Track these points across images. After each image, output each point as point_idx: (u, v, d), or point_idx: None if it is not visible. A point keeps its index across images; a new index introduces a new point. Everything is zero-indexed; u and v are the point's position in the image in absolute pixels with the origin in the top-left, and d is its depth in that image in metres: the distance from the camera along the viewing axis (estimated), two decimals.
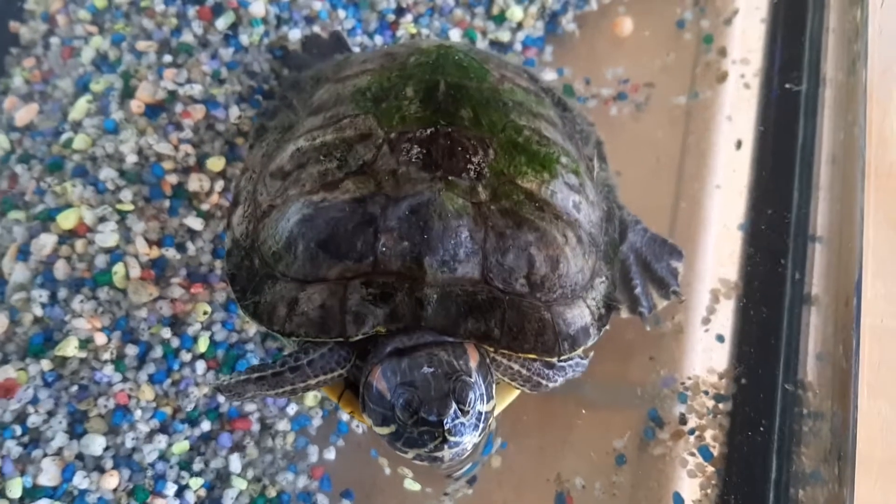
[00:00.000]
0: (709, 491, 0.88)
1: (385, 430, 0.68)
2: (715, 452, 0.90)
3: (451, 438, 0.64)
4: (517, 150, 0.78)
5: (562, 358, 0.74)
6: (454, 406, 0.64)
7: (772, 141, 1.06)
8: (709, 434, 0.91)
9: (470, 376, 0.67)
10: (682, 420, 0.92)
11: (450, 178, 0.74)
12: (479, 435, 0.68)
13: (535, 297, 0.73)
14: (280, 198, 0.78)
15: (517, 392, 0.80)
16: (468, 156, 0.75)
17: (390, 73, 0.85)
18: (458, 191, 0.73)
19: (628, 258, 0.92)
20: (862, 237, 0.90)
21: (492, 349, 0.73)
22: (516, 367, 0.74)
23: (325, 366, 0.73)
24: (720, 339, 0.96)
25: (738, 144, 1.06)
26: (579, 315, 0.75)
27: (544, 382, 0.76)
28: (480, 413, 0.67)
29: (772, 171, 1.04)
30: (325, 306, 0.70)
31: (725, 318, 0.97)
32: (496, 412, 0.78)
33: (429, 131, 0.76)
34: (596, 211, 0.82)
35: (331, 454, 0.91)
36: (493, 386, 0.72)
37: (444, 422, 0.64)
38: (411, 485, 0.90)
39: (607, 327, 0.79)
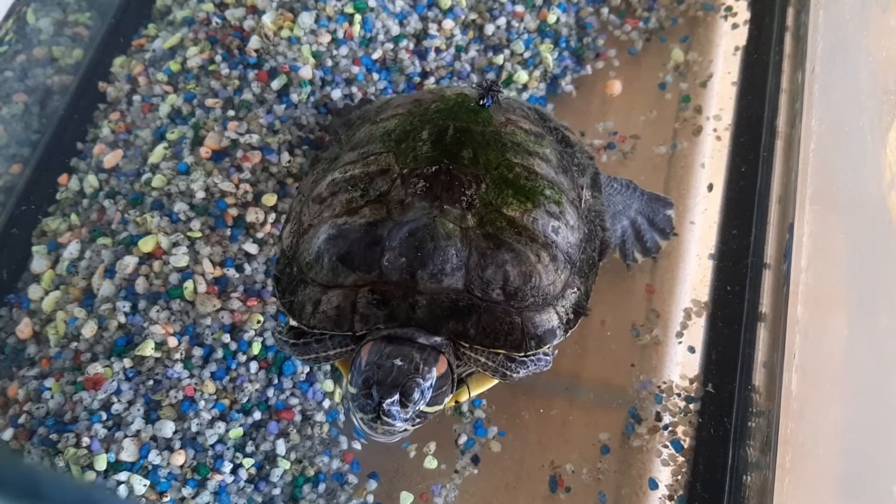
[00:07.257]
0: (679, 477, 0.95)
1: (351, 389, 0.77)
2: (685, 445, 0.97)
3: (384, 418, 0.74)
4: (506, 185, 0.86)
5: (527, 354, 0.82)
6: (397, 396, 0.73)
7: (736, 184, 1.13)
8: (680, 429, 0.98)
9: (425, 380, 0.75)
10: (658, 417, 0.99)
11: (445, 207, 0.82)
12: (413, 426, 0.78)
13: (510, 304, 0.81)
14: (317, 219, 0.87)
15: (495, 381, 0.87)
16: (463, 189, 0.84)
17: (414, 117, 0.93)
18: (450, 217, 0.82)
19: (636, 220, 1.06)
20: (790, 265, 0.97)
21: (467, 345, 0.81)
22: (483, 359, 0.83)
23: (338, 344, 0.84)
24: (691, 350, 1.03)
25: (710, 187, 1.15)
26: (547, 319, 0.83)
27: (509, 374, 0.83)
28: (422, 412, 0.77)
29: (736, 210, 1.11)
30: (339, 307, 0.80)
31: (696, 332, 1.04)
32: (473, 395, 0.88)
33: (433, 168, 0.85)
34: (575, 233, 0.89)
35: (357, 444, 0.99)
36: (447, 395, 0.80)
37: (383, 404, 0.73)
38: (430, 462, 0.97)
39: (574, 328, 0.86)
